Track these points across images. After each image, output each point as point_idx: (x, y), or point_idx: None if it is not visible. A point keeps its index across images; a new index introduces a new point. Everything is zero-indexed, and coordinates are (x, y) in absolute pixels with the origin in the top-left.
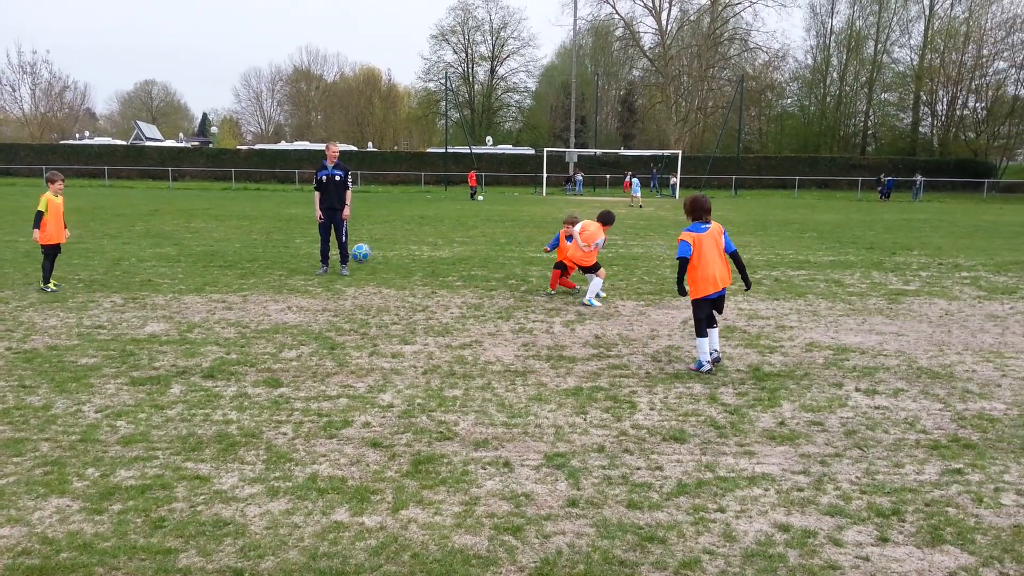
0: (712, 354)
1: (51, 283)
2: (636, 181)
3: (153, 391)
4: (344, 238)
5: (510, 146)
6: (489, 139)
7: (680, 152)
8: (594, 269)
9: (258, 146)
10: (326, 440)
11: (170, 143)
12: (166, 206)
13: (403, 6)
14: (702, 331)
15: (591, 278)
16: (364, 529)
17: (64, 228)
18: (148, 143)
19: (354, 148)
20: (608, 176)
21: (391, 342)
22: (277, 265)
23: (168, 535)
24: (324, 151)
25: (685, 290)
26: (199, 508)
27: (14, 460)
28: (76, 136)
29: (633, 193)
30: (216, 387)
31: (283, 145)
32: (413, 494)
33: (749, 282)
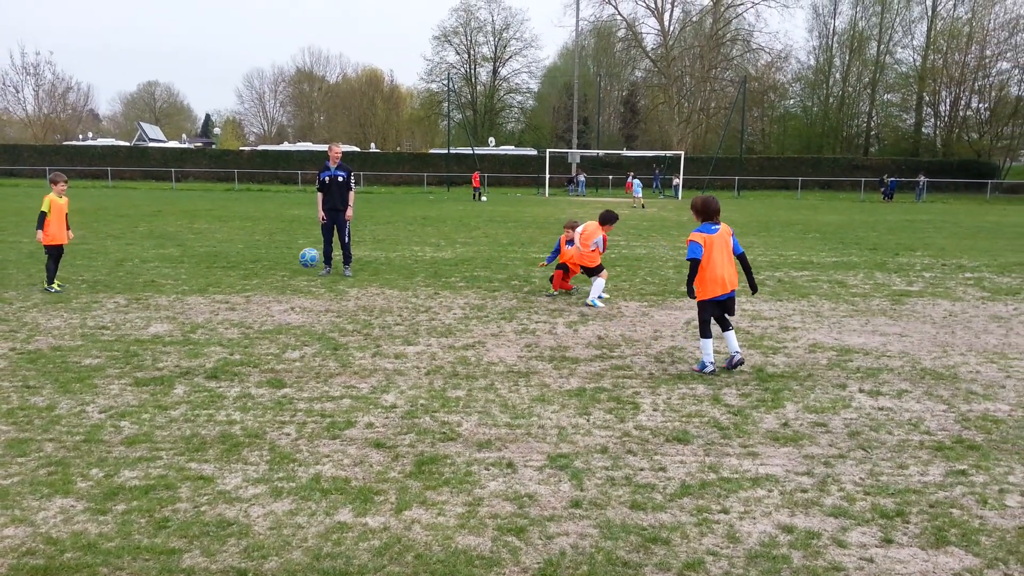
0: (734, 356)
1: (55, 284)
2: (637, 182)
3: (157, 392)
4: (347, 239)
5: (512, 147)
6: (492, 140)
7: (683, 153)
8: (597, 271)
9: (261, 147)
10: (329, 441)
11: (173, 144)
12: (169, 207)
13: (405, 7)
14: (707, 332)
15: (594, 279)
16: (367, 530)
17: (67, 229)
18: (151, 144)
19: (357, 149)
20: (611, 177)
21: (394, 343)
22: (280, 266)
23: (172, 535)
24: (327, 152)
25: (695, 292)
26: (203, 508)
27: (18, 460)
28: (79, 137)
29: (635, 194)
30: (220, 388)
31: (286, 146)
32: (416, 495)
33: (755, 286)
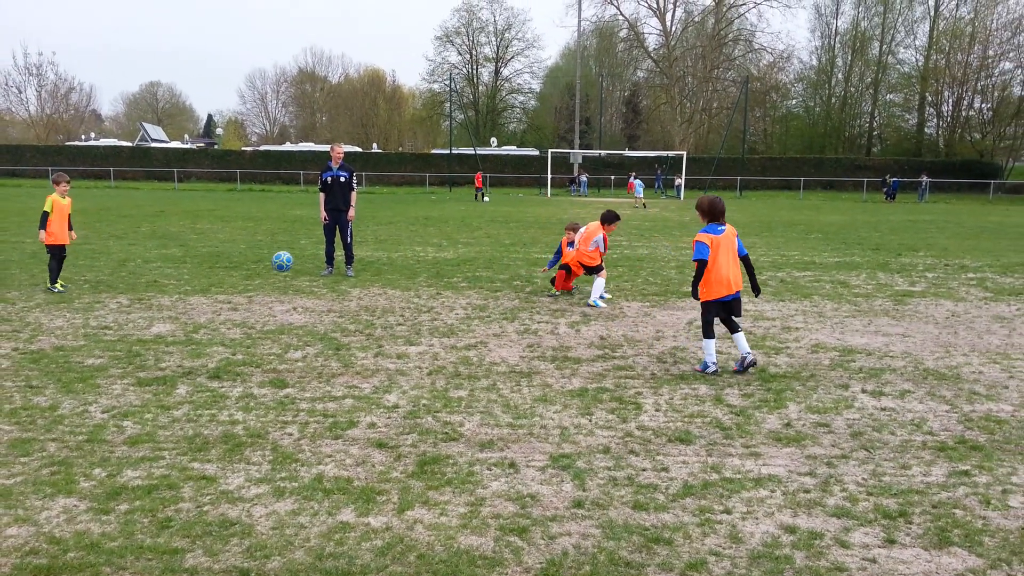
0: (746, 357)
1: (58, 284)
2: (638, 182)
3: (159, 392)
4: (349, 239)
5: (514, 147)
6: (493, 140)
7: (685, 153)
8: (596, 270)
9: (263, 147)
10: (332, 441)
11: (175, 144)
12: (172, 207)
13: (406, 7)
14: (710, 333)
15: (595, 279)
16: (370, 529)
17: (70, 230)
18: (153, 144)
19: (359, 149)
20: (612, 177)
21: (396, 343)
22: None
23: (175, 535)
24: (329, 152)
25: (700, 293)
26: (205, 508)
27: (21, 460)
28: (82, 137)
29: (636, 194)
30: (222, 388)
31: (288, 146)
32: (419, 495)
33: (758, 288)
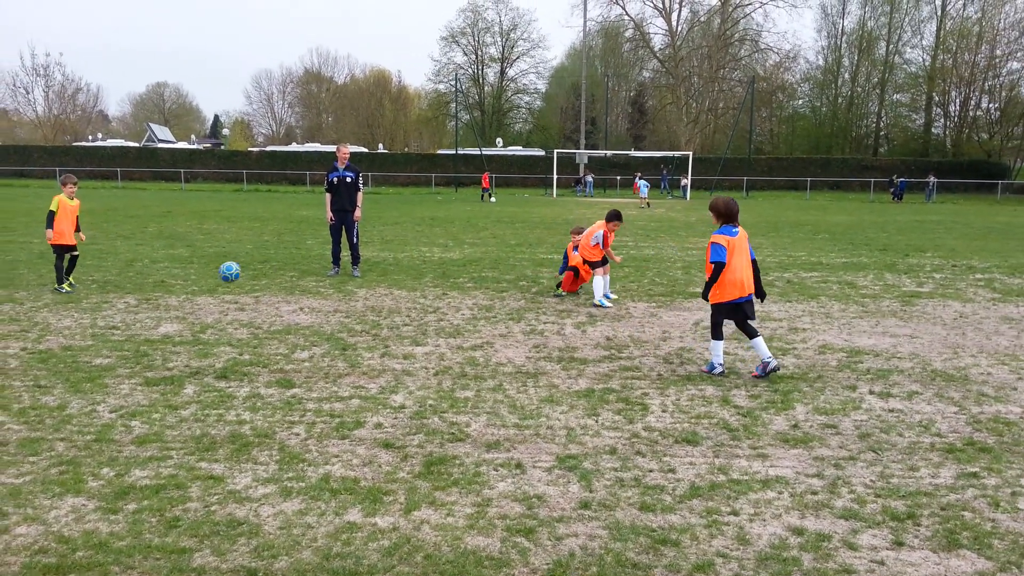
0: (769, 363)
1: (65, 284)
2: (643, 182)
3: (167, 391)
4: (355, 239)
5: (520, 147)
6: (499, 140)
7: (691, 153)
8: (596, 265)
9: (269, 148)
10: (338, 441)
11: (182, 145)
12: (179, 208)
13: (412, 8)
14: (719, 334)
15: (594, 277)
16: (377, 530)
17: (78, 231)
18: (160, 145)
19: (365, 150)
20: (618, 177)
21: (402, 343)
22: (289, 266)
23: (182, 535)
24: (335, 153)
25: (714, 295)
26: (213, 508)
27: (30, 459)
28: (89, 138)
29: (641, 194)
30: (229, 388)
31: (294, 147)
32: (425, 495)
33: (763, 293)
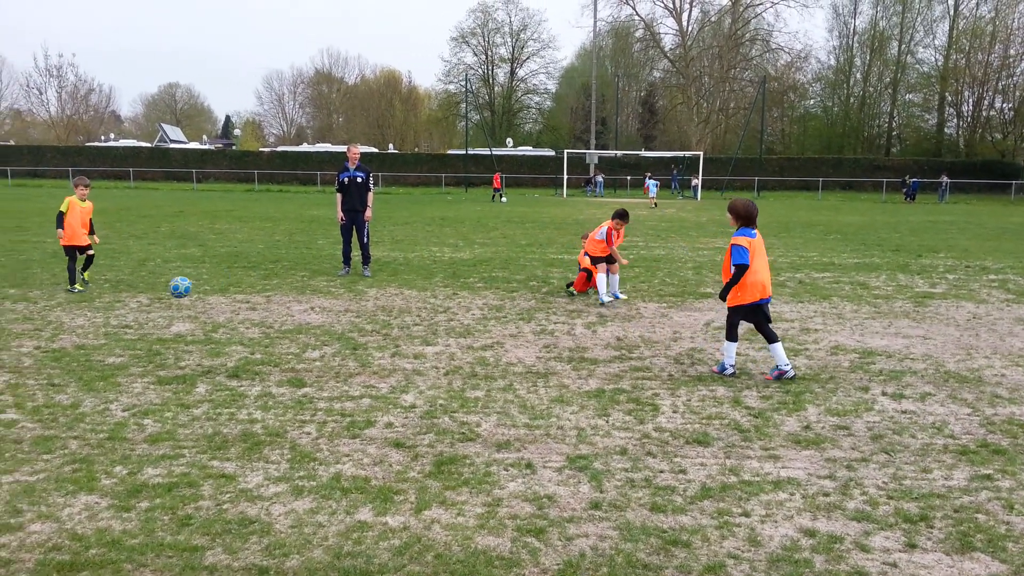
0: (786, 371)
1: (78, 284)
2: (652, 182)
3: (179, 390)
4: (366, 239)
5: (530, 148)
6: (509, 141)
7: (702, 154)
8: (598, 261)
9: (280, 148)
10: (349, 440)
11: (194, 145)
12: (190, 207)
13: (422, 9)
14: (734, 336)
15: (598, 276)
16: (387, 529)
17: (92, 234)
18: (172, 145)
19: (375, 150)
20: (629, 178)
21: (413, 343)
22: (300, 266)
23: (194, 533)
24: (346, 153)
25: (735, 297)
26: (225, 506)
27: (44, 457)
28: (101, 138)
29: (650, 194)
30: (241, 387)
31: (305, 147)
32: (436, 495)
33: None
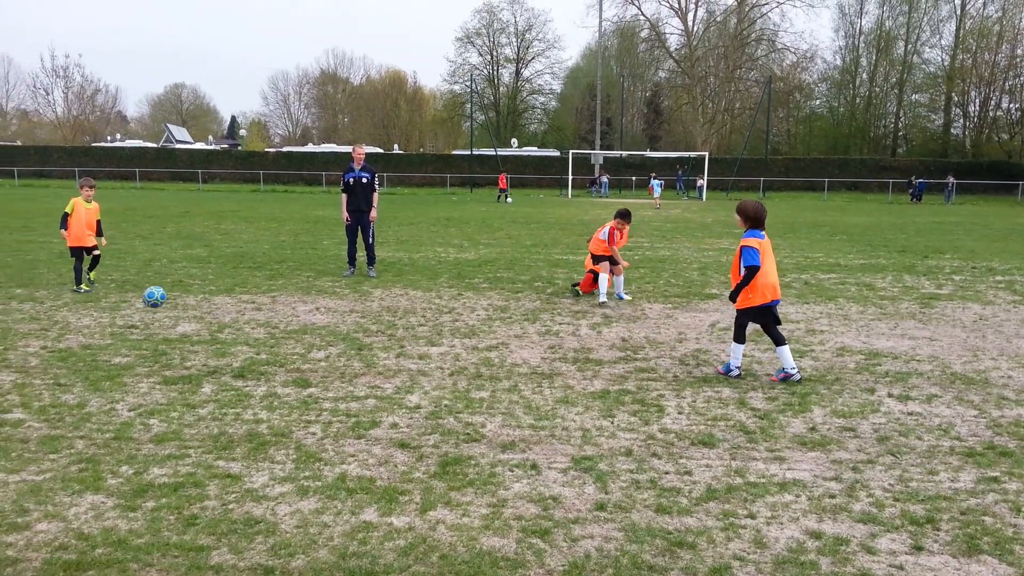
0: (792, 375)
1: (84, 284)
2: (656, 182)
3: (185, 390)
4: (371, 240)
5: (535, 148)
6: (514, 141)
7: (707, 154)
8: (599, 260)
9: (286, 148)
10: (354, 440)
11: (200, 146)
12: (196, 208)
13: (428, 10)
14: (743, 338)
15: (600, 275)
16: (393, 529)
17: (99, 236)
18: (178, 146)
19: (380, 150)
20: (634, 178)
21: (418, 343)
22: (305, 267)
23: (200, 532)
24: (351, 153)
25: (745, 299)
26: (230, 506)
27: (50, 457)
28: (108, 139)
29: (654, 194)
30: (246, 387)
31: (310, 147)
32: (441, 495)
33: None
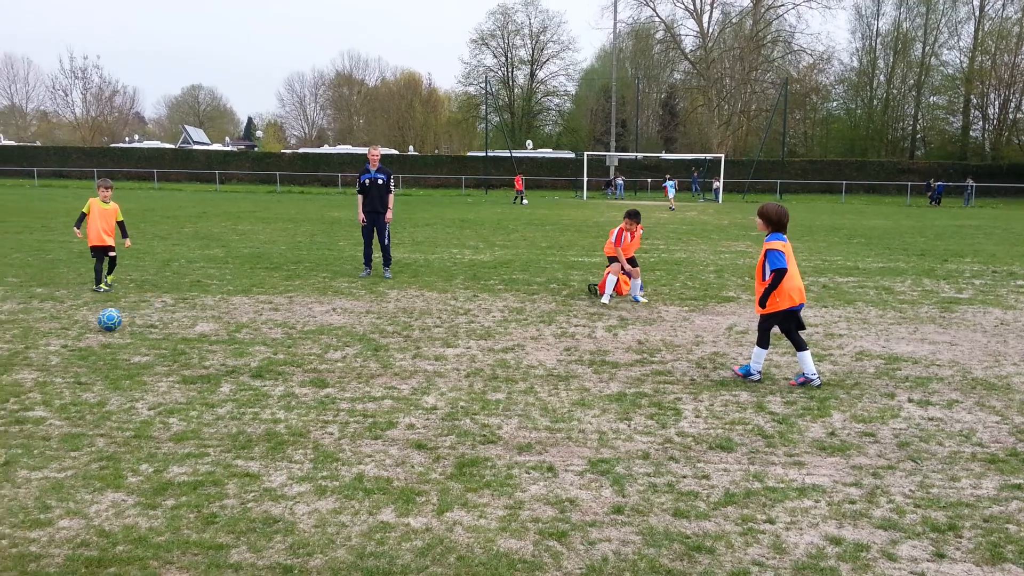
0: (813, 379)
1: (102, 284)
2: (670, 183)
3: (203, 389)
4: (386, 241)
5: (550, 150)
6: (529, 143)
7: (723, 156)
8: (612, 260)
9: (302, 150)
10: (371, 441)
11: (217, 147)
12: (213, 208)
13: (441, 11)
14: (767, 342)
15: (609, 276)
16: (410, 530)
17: (124, 237)
18: (195, 147)
19: (395, 152)
20: (649, 180)
21: (434, 345)
22: (321, 267)
23: (220, 531)
24: (367, 155)
25: (773, 303)
26: (249, 505)
27: (72, 455)
28: (126, 140)
29: (668, 195)
30: (264, 386)
31: (326, 149)
32: (458, 496)
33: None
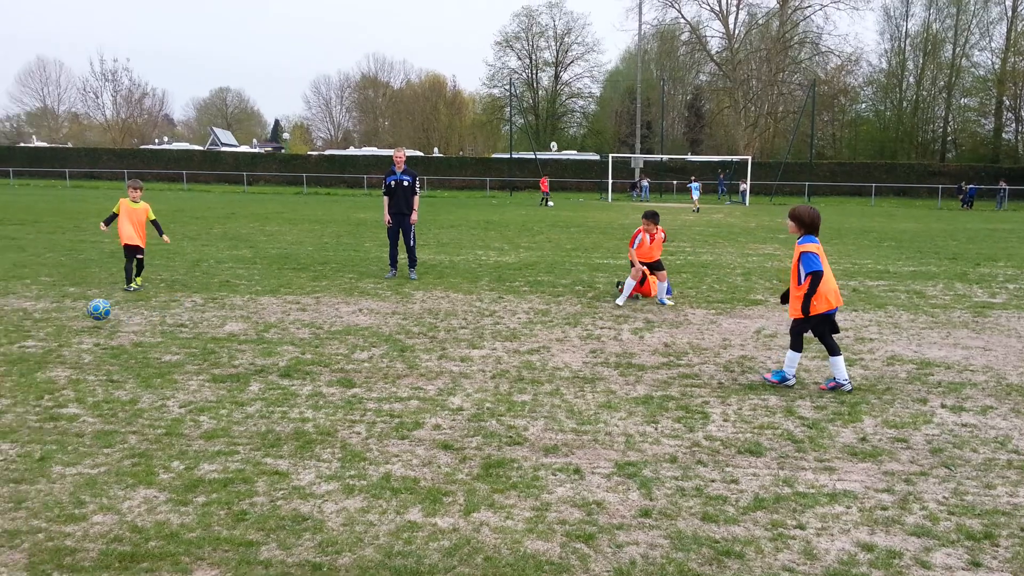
0: (844, 384)
1: (133, 283)
2: (694, 185)
3: (233, 388)
4: (412, 242)
5: (575, 152)
6: (554, 145)
7: (750, 158)
8: (647, 266)
9: (328, 152)
10: (398, 441)
11: (244, 149)
12: (241, 210)
13: (468, 14)
14: (800, 346)
15: (628, 280)
16: (437, 530)
17: (161, 235)
18: (224, 148)
19: (420, 154)
20: (675, 182)
21: (459, 346)
22: (348, 268)
23: (250, 528)
24: (392, 157)
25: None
26: (279, 503)
27: (104, 451)
28: (155, 141)
29: (693, 197)
30: (292, 386)
31: (352, 151)
32: (484, 497)
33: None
